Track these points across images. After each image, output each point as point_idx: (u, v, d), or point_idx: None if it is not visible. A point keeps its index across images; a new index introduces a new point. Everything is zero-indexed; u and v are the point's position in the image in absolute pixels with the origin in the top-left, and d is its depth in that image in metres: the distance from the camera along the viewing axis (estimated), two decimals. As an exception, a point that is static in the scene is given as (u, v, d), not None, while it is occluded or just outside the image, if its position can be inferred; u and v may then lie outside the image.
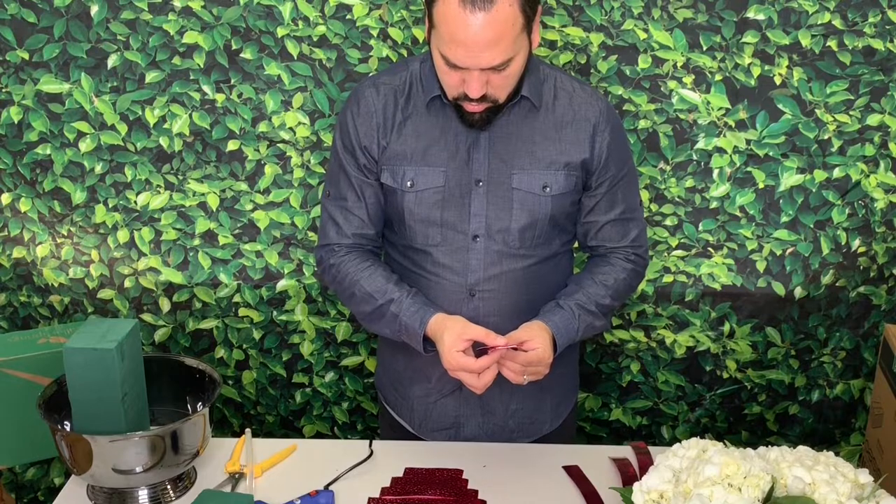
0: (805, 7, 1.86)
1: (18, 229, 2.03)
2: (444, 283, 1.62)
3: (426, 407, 1.73)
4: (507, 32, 1.38)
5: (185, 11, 1.88)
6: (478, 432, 1.72)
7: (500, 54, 1.40)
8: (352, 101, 1.62)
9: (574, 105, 1.60)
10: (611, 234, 1.66)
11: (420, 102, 1.59)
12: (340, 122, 1.64)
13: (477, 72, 1.41)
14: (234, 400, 2.17)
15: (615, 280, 1.65)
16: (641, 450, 1.65)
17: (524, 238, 1.61)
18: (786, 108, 1.92)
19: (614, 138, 1.62)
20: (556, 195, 1.59)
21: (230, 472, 1.56)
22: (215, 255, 2.04)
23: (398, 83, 1.60)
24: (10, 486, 2.19)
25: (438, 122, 1.58)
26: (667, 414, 2.18)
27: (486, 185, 1.58)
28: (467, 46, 1.38)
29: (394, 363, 1.76)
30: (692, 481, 1.18)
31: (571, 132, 1.59)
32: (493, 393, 1.69)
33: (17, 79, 1.91)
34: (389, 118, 1.59)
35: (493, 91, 1.46)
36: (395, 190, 1.60)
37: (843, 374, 2.14)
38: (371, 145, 1.60)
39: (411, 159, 1.58)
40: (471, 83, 1.43)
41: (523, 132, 1.58)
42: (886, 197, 1.98)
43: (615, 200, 1.65)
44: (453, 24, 1.37)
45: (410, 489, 1.53)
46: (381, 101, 1.59)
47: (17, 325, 2.11)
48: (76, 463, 1.46)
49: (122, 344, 1.45)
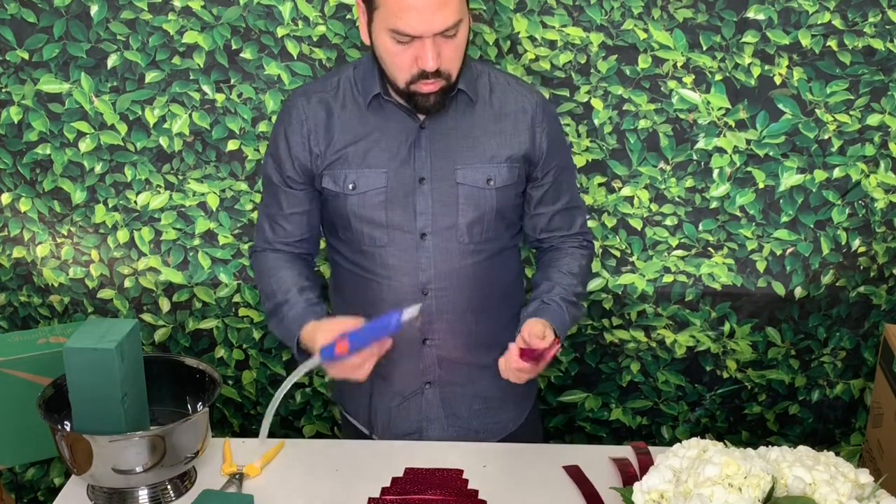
0: (805, 7, 1.86)
1: (18, 229, 2.03)
2: (395, 284, 1.62)
3: (389, 412, 1.72)
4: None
5: (185, 11, 1.88)
6: (442, 435, 1.72)
7: (451, 15, 1.42)
8: (283, 114, 1.64)
9: (510, 97, 1.62)
10: (560, 223, 1.69)
11: (356, 106, 1.59)
12: (272, 135, 1.65)
13: (430, 40, 1.43)
14: (234, 400, 2.17)
15: (580, 267, 1.68)
16: (641, 450, 1.65)
17: (472, 233, 1.62)
18: (786, 108, 1.92)
19: (553, 129, 1.65)
20: (501, 188, 1.61)
21: (228, 473, 1.56)
22: (215, 255, 2.04)
23: (330, 89, 1.61)
24: (10, 486, 2.19)
25: (377, 122, 1.59)
26: (667, 414, 2.18)
27: (429, 182, 1.58)
28: (420, 10, 1.40)
29: None
30: (692, 481, 1.18)
31: (510, 124, 1.61)
32: (456, 394, 1.70)
33: (17, 79, 1.91)
34: (321, 125, 1.59)
35: (446, 64, 1.47)
36: (337, 194, 1.60)
37: (844, 374, 2.14)
38: (303, 154, 1.60)
39: (351, 162, 1.59)
40: (425, 54, 1.44)
41: (462, 127, 1.59)
42: (886, 197, 1.98)
43: (561, 190, 1.68)
44: None
45: (410, 489, 1.53)
46: (311, 110, 1.60)
47: (17, 325, 2.11)
48: (76, 463, 1.45)
49: (122, 344, 1.45)
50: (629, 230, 2.03)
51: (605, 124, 1.95)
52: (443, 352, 1.67)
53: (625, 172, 1.98)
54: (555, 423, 2.20)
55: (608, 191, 2.00)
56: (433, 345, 1.66)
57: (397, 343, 1.65)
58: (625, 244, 2.04)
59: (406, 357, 1.67)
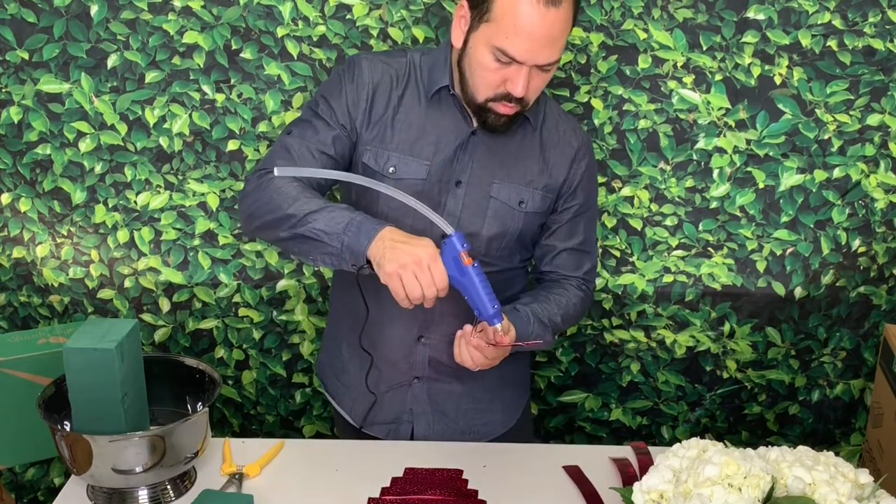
0: (805, 7, 1.86)
1: (18, 229, 2.03)
2: None
3: (371, 397, 1.71)
4: (567, 31, 1.45)
5: (185, 11, 1.88)
6: (427, 432, 1.72)
7: (557, 52, 1.44)
8: (346, 68, 1.60)
9: (560, 130, 1.64)
10: (566, 262, 1.70)
11: (416, 92, 1.58)
12: (329, 81, 1.61)
13: (526, 69, 1.43)
14: (234, 400, 2.17)
15: (567, 302, 1.67)
16: (641, 450, 1.65)
17: (490, 247, 1.62)
18: (786, 108, 1.92)
19: (588, 170, 1.67)
20: (530, 213, 1.62)
21: (228, 473, 1.56)
22: (215, 255, 2.04)
23: (397, 67, 1.59)
24: (10, 486, 2.19)
25: (432, 115, 1.58)
26: (667, 414, 2.18)
27: (465, 187, 1.59)
28: (534, 40, 1.40)
29: (340, 348, 1.74)
30: (692, 481, 1.18)
31: (554, 155, 1.63)
32: (444, 391, 1.70)
33: (17, 79, 1.91)
34: (382, 97, 1.57)
35: (530, 94, 1.48)
36: (375, 173, 1.58)
37: (844, 374, 2.14)
38: (355, 110, 1.57)
39: (397, 146, 1.57)
40: (518, 81, 1.44)
41: (511, 145, 1.60)
42: (886, 197, 1.98)
43: (576, 230, 1.69)
44: (525, 16, 1.39)
45: (410, 489, 1.53)
46: (376, 77, 1.57)
47: (17, 325, 2.11)
48: (76, 463, 1.45)
49: (122, 344, 1.45)
50: (629, 230, 2.03)
51: (605, 124, 1.95)
52: (435, 352, 1.67)
53: (625, 172, 1.98)
54: (555, 423, 2.20)
55: (608, 191, 2.00)
56: (427, 344, 1.66)
57: (392, 334, 1.66)
58: (625, 244, 2.04)
59: (398, 349, 1.67)
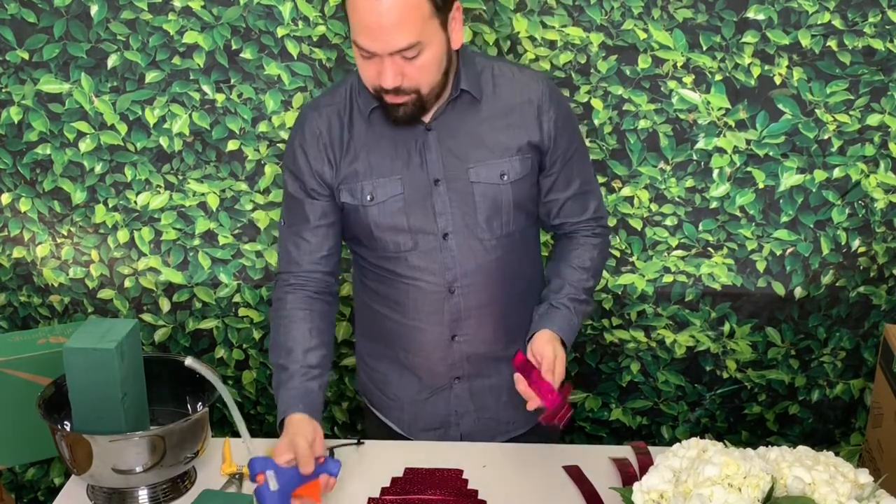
0: (805, 7, 1.86)
1: (18, 229, 2.03)
2: (422, 285, 1.63)
3: (416, 406, 1.72)
4: (411, 15, 1.41)
5: (185, 11, 1.88)
6: (473, 428, 1.72)
7: (404, 37, 1.42)
8: (296, 129, 1.64)
9: (516, 89, 1.61)
10: (572, 209, 1.69)
11: (361, 116, 1.60)
12: (287, 150, 1.65)
13: (388, 59, 1.44)
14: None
15: (591, 260, 1.68)
16: (641, 450, 1.65)
17: (492, 228, 1.62)
18: (786, 108, 1.92)
19: (560, 115, 1.63)
20: (515, 181, 1.61)
21: (228, 473, 1.55)
22: (215, 255, 2.04)
23: (338, 101, 1.62)
24: (10, 486, 2.19)
25: (384, 130, 1.59)
26: (667, 414, 2.18)
27: (444, 182, 1.59)
28: (372, 30, 1.41)
29: (377, 365, 1.76)
30: (692, 481, 1.18)
31: (517, 116, 1.61)
32: (484, 387, 1.70)
33: (17, 79, 1.91)
34: (336, 138, 1.60)
35: (409, 83, 1.47)
36: (356, 207, 1.61)
37: (843, 374, 2.14)
38: (322, 168, 1.60)
39: (366, 174, 1.59)
40: (384, 71, 1.45)
41: (470, 125, 1.59)
42: (886, 197, 1.98)
43: (571, 176, 1.67)
44: (360, 9, 1.42)
45: (410, 489, 1.53)
46: (324, 123, 1.60)
47: (17, 325, 2.11)
48: (76, 463, 1.45)
49: (122, 344, 1.45)
50: (629, 230, 2.03)
51: (605, 124, 1.95)
52: (471, 347, 1.67)
53: (625, 172, 1.98)
54: (555, 423, 2.20)
55: (608, 191, 2.00)
56: (462, 341, 1.66)
57: (425, 340, 1.66)
58: (625, 244, 2.04)
59: (435, 353, 1.67)
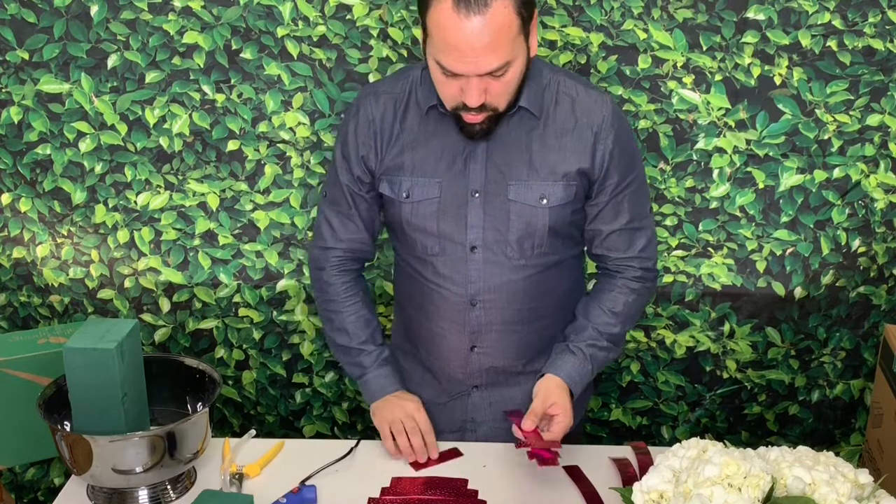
0: (805, 7, 1.86)
1: (18, 229, 2.03)
2: (444, 293, 1.62)
3: (434, 408, 1.72)
4: (504, 36, 1.35)
5: (185, 11, 1.88)
6: (488, 436, 1.72)
7: (497, 59, 1.36)
8: (352, 110, 1.63)
9: (576, 112, 1.55)
10: (616, 243, 1.62)
11: (417, 112, 1.57)
12: (341, 130, 1.65)
13: (475, 79, 1.39)
14: (234, 400, 2.17)
15: (624, 305, 1.63)
16: (641, 450, 1.65)
17: (523, 249, 1.59)
18: (786, 108, 1.92)
19: (618, 144, 1.56)
20: (555, 206, 1.56)
21: (229, 473, 1.56)
22: (215, 255, 2.04)
23: (398, 91, 1.59)
24: (10, 486, 2.19)
25: (436, 131, 1.56)
26: (667, 414, 2.18)
27: (482, 195, 1.56)
28: (463, 52, 1.35)
29: (403, 360, 1.77)
30: (692, 481, 1.18)
31: (572, 140, 1.55)
32: (505, 397, 1.70)
33: (17, 79, 1.91)
34: (388, 128, 1.58)
35: (491, 99, 1.43)
36: (392, 200, 1.60)
37: (843, 374, 2.14)
38: (369, 154, 1.60)
39: (408, 170, 1.58)
40: (469, 91, 1.40)
41: (521, 142, 1.55)
42: (886, 197, 1.98)
43: (620, 210, 1.60)
44: (448, 30, 1.34)
45: (411, 489, 1.53)
46: (379, 110, 1.58)
47: (17, 325, 2.11)
48: (76, 463, 1.46)
49: (122, 344, 1.45)
50: (629, 230, 2.02)
51: (605, 124, 1.95)
52: (491, 360, 1.66)
53: (625, 172, 1.98)
54: (555, 423, 2.20)
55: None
56: (481, 352, 1.66)
57: (445, 346, 1.66)
58: (625, 244, 2.04)
59: (454, 361, 1.67)
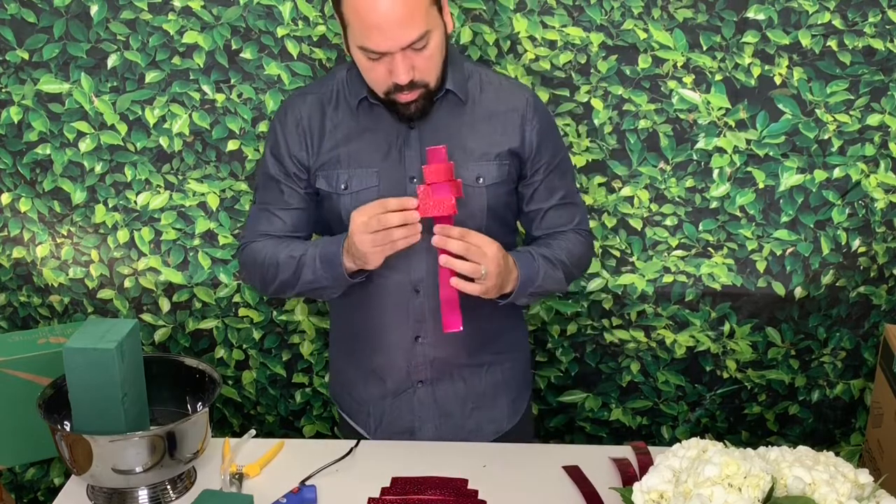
0: (805, 7, 1.86)
1: (18, 229, 2.03)
2: (387, 283, 1.63)
3: (381, 409, 1.73)
4: (417, 7, 1.42)
5: (185, 11, 1.88)
6: (435, 435, 1.72)
7: (415, 29, 1.42)
8: (279, 114, 1.66)
9: (501, 96, 1.63)
10: (556, 219, 1.69)
11: (347, 107, 1.61)
12: (270, 132, 1.68)
13: (399, 55, 1.44)
14: (234, 400, 2.17)
15: (567, 242, 1.67)
16: (641, 450, 1.65)
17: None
18: (786, 108, 1.92)
19: (543, 126, 1.65)
20: (491, 185, 1.61)
21: (229, 473, 1.56)
22: (215, 255, 2.04)
23: (325, 91, 1.64)
24: (10, 486, 2.19)
25: (367, 124, 1.60)
26: (667, 414, 2.18)
27: (420, 181, 1.58)
28: (382, 29, 1.41)
29: (346, 367, 1.77)
30: (692, 481, 1.18)
31: (500, 123, 1.62)
32: (448, 393, 1.70)
33: (17, 79, 1.91)
34: (317, 126, 1.62)
35: (420, 75, 1.48)
36: (330, 194, 1.62)
37: (843, 374, 2.14)
38: (300, 153, 1.62)
39: (344, 162, 1.61)
40: (396, 69, 1.45)
41: (452, 126, 1.60)
42: (886, 197, 1.98)
43: (554, 186, 1.67)
44: (364, 11, 1.41)
45: (410, 489, 1.53)
46: (307, 111, 1.62)
47: (17, 325, 2.11)
48: (76, 463, 1.45)
49: (122, 344, 1.45)
50: (629, 230, 2.03)
51: (605, 124, 1.95)
52: (435, 351, 1.67)
53: (625, 172, 1.98)
54: (555, 423, 2.20)
55: (608, 191, 2.00)
56: (425, 343, 1.66)
57: (389, 340, 1.66)
58: (625, 244, 2.04)
59: (398, 354, 1.67)
